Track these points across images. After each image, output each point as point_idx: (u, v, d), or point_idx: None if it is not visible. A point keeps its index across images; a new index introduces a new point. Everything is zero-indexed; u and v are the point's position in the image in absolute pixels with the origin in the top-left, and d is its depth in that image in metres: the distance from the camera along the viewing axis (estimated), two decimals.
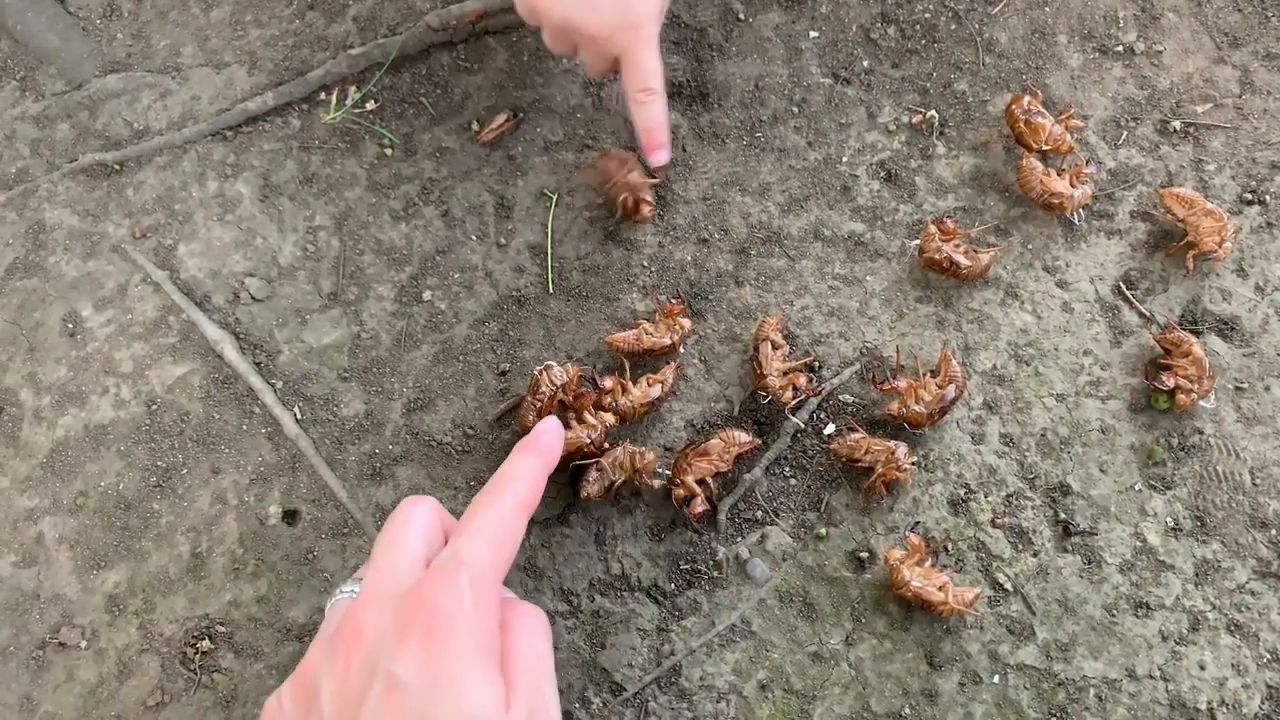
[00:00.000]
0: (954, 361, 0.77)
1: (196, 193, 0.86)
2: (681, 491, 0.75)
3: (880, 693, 0.73)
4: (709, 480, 0.76)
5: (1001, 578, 0.75)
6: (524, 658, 0.55)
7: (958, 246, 0.79)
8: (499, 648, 0.54)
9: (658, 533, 0.77)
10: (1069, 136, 0.82)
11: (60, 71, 0.90)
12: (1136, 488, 0.76)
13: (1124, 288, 0.81)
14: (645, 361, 0.80)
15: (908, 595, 0.72)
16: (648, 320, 0.81)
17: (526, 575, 0.76)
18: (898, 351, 0.80)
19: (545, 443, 0.62)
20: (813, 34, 0.87)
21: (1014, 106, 0.82)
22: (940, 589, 0.72)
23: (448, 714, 0.50)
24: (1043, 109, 0.82)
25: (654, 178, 0.83)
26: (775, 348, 0.79)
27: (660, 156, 0.80)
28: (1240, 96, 0.84)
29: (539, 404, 0.76)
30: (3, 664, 0.76)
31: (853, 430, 0.78)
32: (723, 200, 0.84)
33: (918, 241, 0.79)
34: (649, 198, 0.82)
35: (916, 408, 0.76)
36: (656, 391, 0.78)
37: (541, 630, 0.57)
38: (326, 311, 0.83)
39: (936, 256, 0.78)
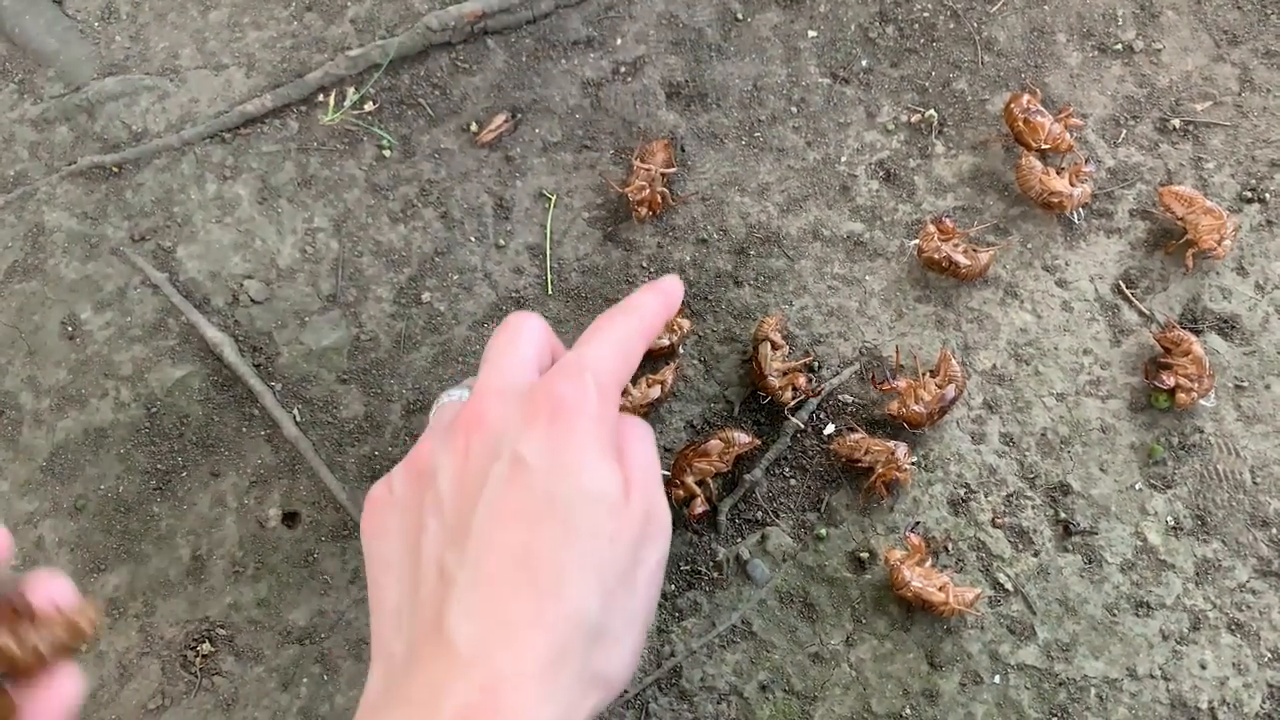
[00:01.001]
0: (954, 361, 0.77)
1: (195, 195, 0.86)
2: (681, 492, 0.75)
3: (881, 693, 0.73)
4: (709, 481, 0.76)
5: (1002, 578, 0.75)
6: (638, 459, 0.56)
7: (957, 246, 0.78)
8: (617, 449, 0.55)
9: None
10: (1068, 135, 0.82)
11: (59, 74, 0.90)
12: (1137, 487, 0.76)
13: (1124, 286, 0.81)
14: (644, 362, 0.80)
15: (908, 596, 0.72)
16: None
17: None
18: (897, 351, 0.79)
19: (668, 286, 0.62)
20: (811, 33, 0.87)
21: (1013, 105, 0.82)
22: (941, 589, 0.72)
23: (571, 492, 0.51)
24: (1042, 107, 0.82)
25: (672, 167, 0.83)
26: (775, 348, 0.79)
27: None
28: (1240, 94, 0.84)
29: None
30: None
31: (852, 430, 0.77)
32: (722, 200, 0.84)
33: (917, 241, 0.79)
34: (667, 190, 0.83)
35: (916, 408, 0.76)
36: (656, 392, 0.78)
37: (651, 441, 0.58)
38: (325, 313, 0.83)
39: (936, 256, 0.78)
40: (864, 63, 0.86)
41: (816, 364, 0.81)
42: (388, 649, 0.53)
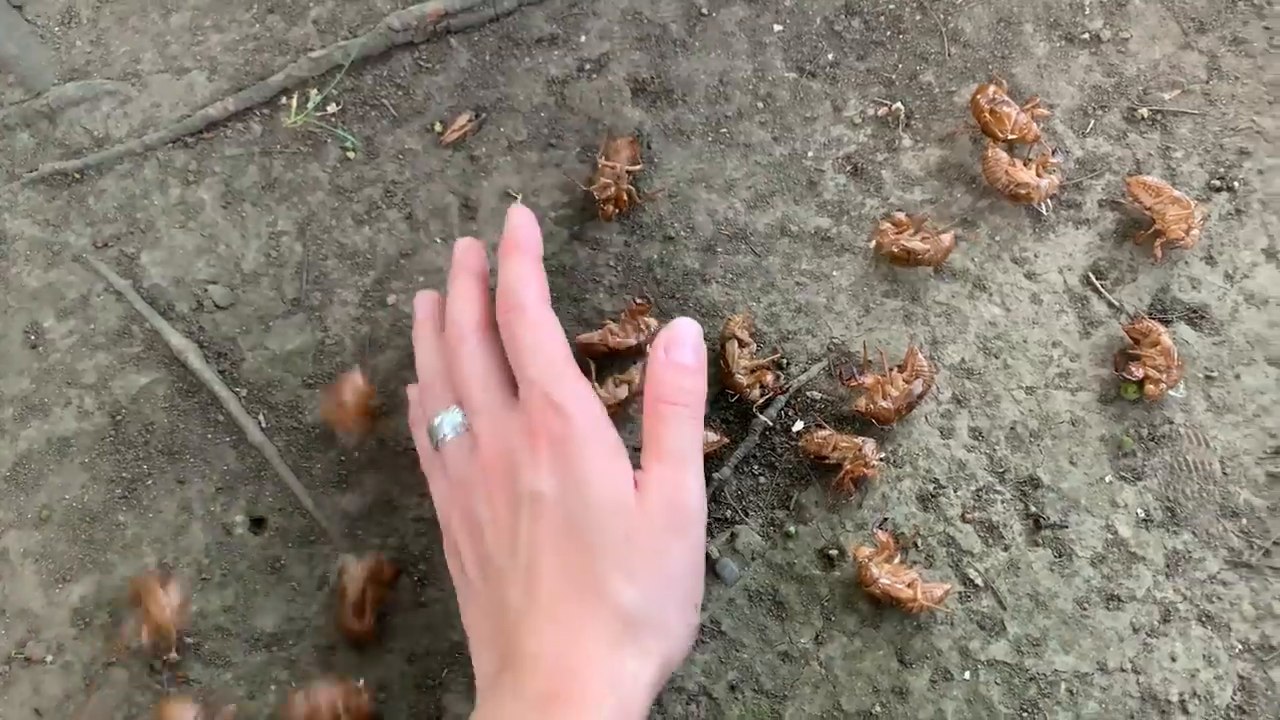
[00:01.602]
0: (920, 356, 0.76)
1: (158, 200, 0.86)
2: None
3: (851, 691, 0.73)
4: None
5: (972, 573, 0.75)
6: (664, 444, 0.65)
7: (914, 235, 0.78)
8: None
9: None
10: (1035, 125, 0.81)
11: (19, 80, 0.89)
12: (1107, 479, 0.76)
13: (1093, 277, 0.80)
14: (611, 361, 0.80)
15: (876, 593, 0.72)
16: (613, 320, 0.80)
17: None
18: (864, 347, 0.79)
19: (523, 236, 0.72)
20: (777, 28, 0.86)
21: (979, 96, 0.81)
22: (909, 586, 0.72)
23: (583, 509, 0.62)
24: (1008, 98, 0.81)
25: (637, 165, 0.83)
26: (742, 345, 0.78)
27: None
28: (1208, 82, 0.83)
29: None
30: None
31: (820, 427, 0.77)
32: (689, 197, 0.84)
33: (875, 240, 0.79)
34: (633, 187, 0.82)
35: (883, 404, 0.75)
36: (624, 392, 0.78)
37: (686, 420, 0.67)
38: (290, 317, 0.83)
39: (895, 250, 0.78)
40: (830, 56, 0.86)
41: (784, 361, 0.80)
42: (482, 667, 0.65)
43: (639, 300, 0.80)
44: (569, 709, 0.58)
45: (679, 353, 0.67)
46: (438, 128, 0.86)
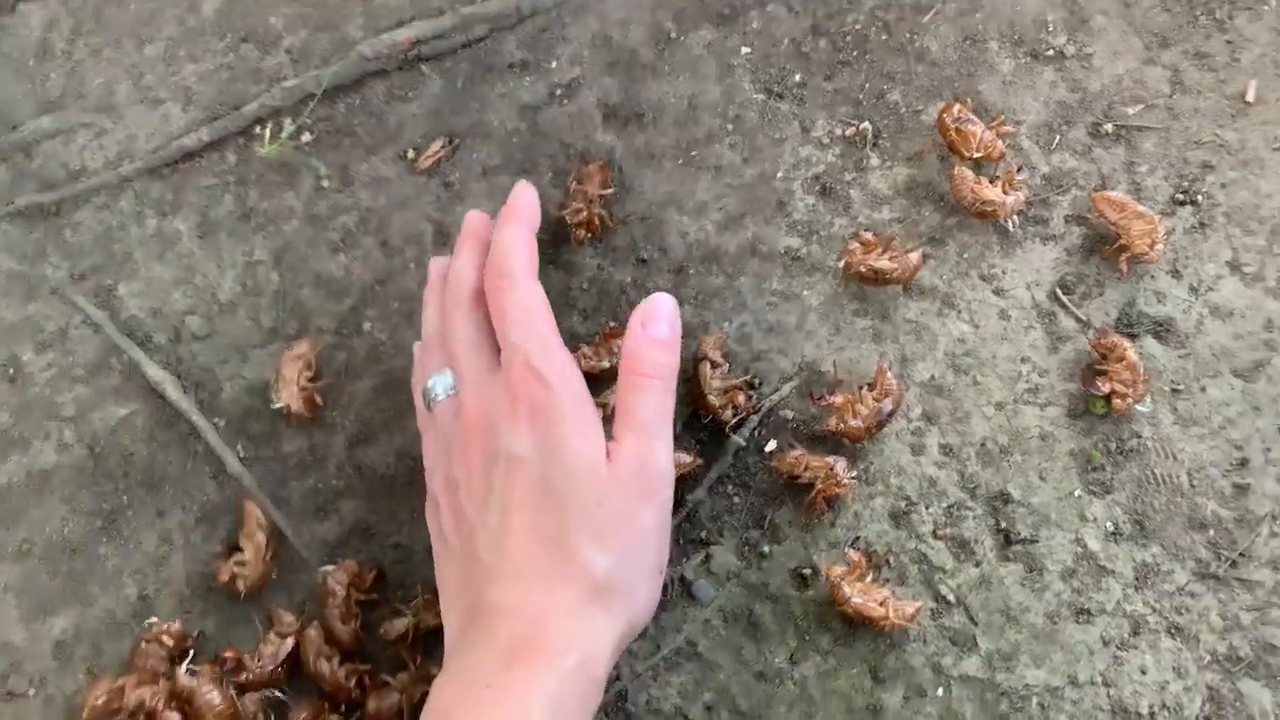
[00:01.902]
0: (889, 375, 0.77)
1: (135, 232, 0.86)
2: None
3: (825, 710, 0.74)
4: None
5: (944, 589, 0.76)
6: (634, 414, 0.67)
7: (882, 254, 0.79)
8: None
9: None
10: (1000, 143, 0.82)
11: None
12: (1076, 494, 0.77)
13: (1060, 293, 0.81)
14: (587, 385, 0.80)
15: (849, 611, 0.73)
16: (587, 344, 0.81)
17: None
18: (835, 366, 0.80)
19: (523, 205, 0.75)
20: (744, 50, 0.87)
21: (944, 115, 0.82)
22: (881, 604, 0.72)
23: (558, 473, 0.64)
24: (973, 116, 0.82)
25: (608, 189, 0.83)
26: (714, 366, 0.79)
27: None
28: (1171, 97, 0.84)
29: None
30: None
31: (792, 447, 0.78)
32: (660, 220, 0.85)
33: (844, 260, 0.80)
34: (605, 212, 0.83)
35: (853, 423, 0.76)
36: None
37: (658, 392, 0.68)
38: (267, 347, 0.83)
39: (863, 270, 0.79)
40: (797, 77, 0.87)
41: (757, 381, 0.81)
42: (450, 626, 0.66)
43: (613, 324, 0.81)
44: (534, 660, 0.59)
45: (655, 328, 0.69)
46: (411, 154, 0.87)
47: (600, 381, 0.80)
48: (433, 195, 0.86)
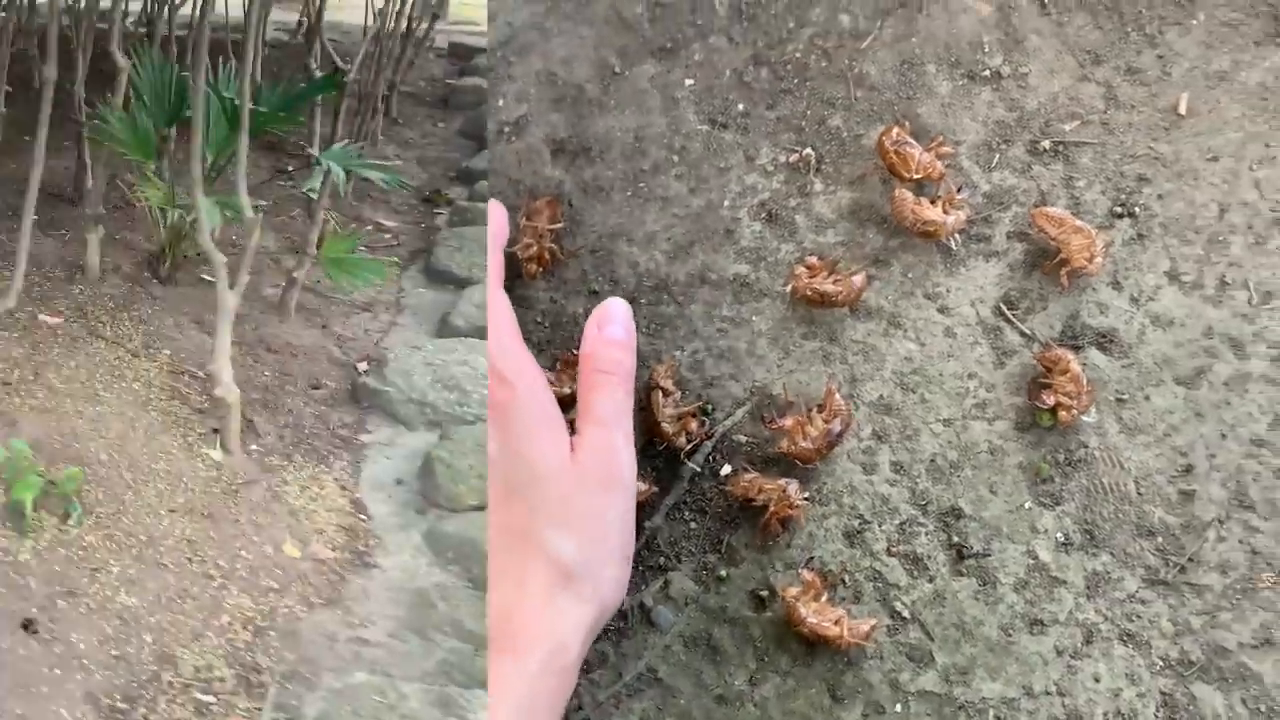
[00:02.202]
0: (837, 396, 0.78)
1: None
2: None
3: None
4: None
5: (899, 606, 0.77)
6: (595, 410, 0.72)
7: (826, 278, 0.80)
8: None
9: None
10: (939, 164, 0.83)
11: None
12: (1026, 506, 0.78)
13: (1004, 308, 0.83)
14: None
15: (805, 632, 0.74)
16: (549, 371, 0.82)
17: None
18: (785, 389, 0.81)
19: (492, 223, 0.79)
20: (688, 82, 0.89)
21: (884, 138, 0.84)
22: (836, 623, 0.73)
23: (521, 472, 0.68)
24: (911, 139, 0.84)
25: (557, 223, 0.85)
26: (666, 395, 0.80)
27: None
28: (1105, 112, 0.86)
29: None
30: None
31: (746, 470, 0.79)
32: (610, 251, 0.86)
33: (791, 285, 0.81)
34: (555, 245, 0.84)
35: (804, 444, 0.77)
36: None
37: (616, 388, 0.73)
38: None
39: (809, 294, 0.80)
40: (740, 107, 0.88)
41: (709, 407, 0.82)
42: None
43: (572, 352, 0.82)
44: (505, 652, 0.64)
45: (610, 329, 0.76)
46: None
47: (563, 408, 0.81)
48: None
